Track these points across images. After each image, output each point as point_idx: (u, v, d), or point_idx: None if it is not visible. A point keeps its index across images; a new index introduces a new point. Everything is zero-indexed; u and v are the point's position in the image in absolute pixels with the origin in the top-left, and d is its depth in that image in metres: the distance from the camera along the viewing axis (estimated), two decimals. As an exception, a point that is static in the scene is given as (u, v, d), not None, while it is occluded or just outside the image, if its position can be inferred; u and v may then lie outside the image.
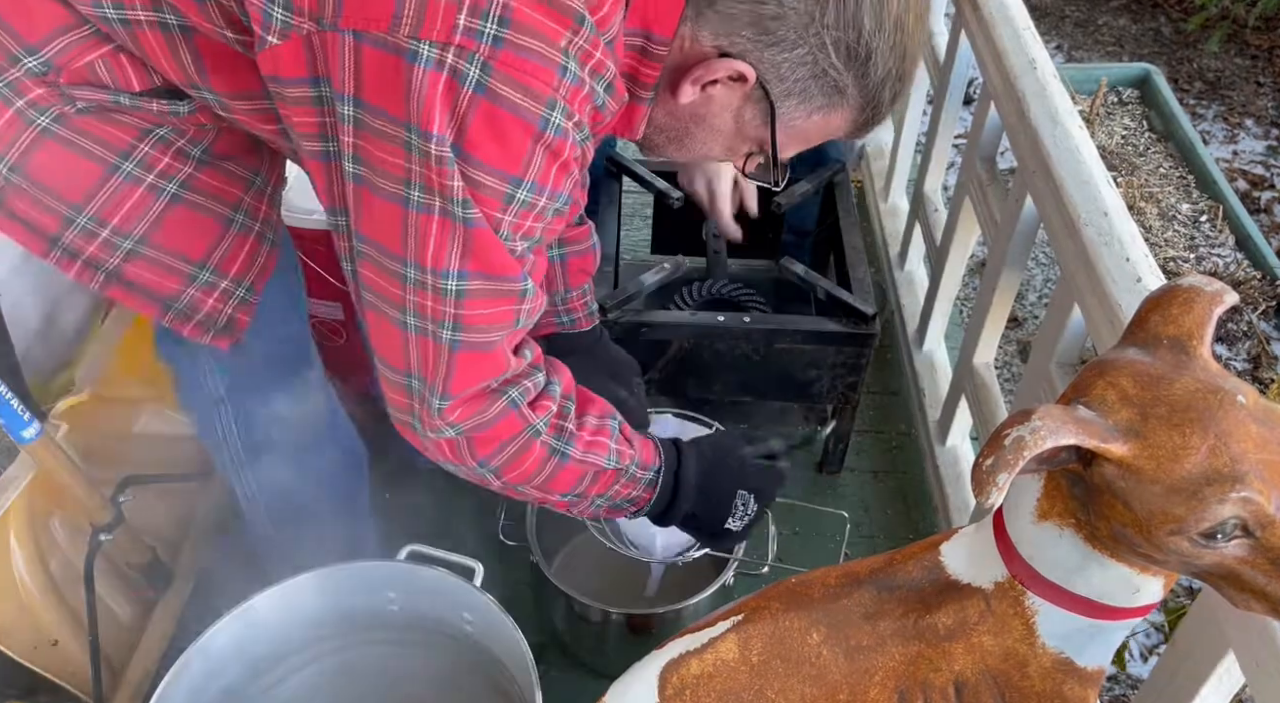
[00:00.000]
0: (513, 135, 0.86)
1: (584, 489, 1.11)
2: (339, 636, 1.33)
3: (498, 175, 0.88)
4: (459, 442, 1.01)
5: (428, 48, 0.82)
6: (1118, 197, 1.22)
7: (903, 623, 0.92)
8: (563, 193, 0.94)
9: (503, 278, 0.94)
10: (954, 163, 2.61)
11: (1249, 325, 2.46)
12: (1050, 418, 0.72)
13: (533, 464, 1.05)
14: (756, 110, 1.00)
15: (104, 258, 1.06)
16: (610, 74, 0.93)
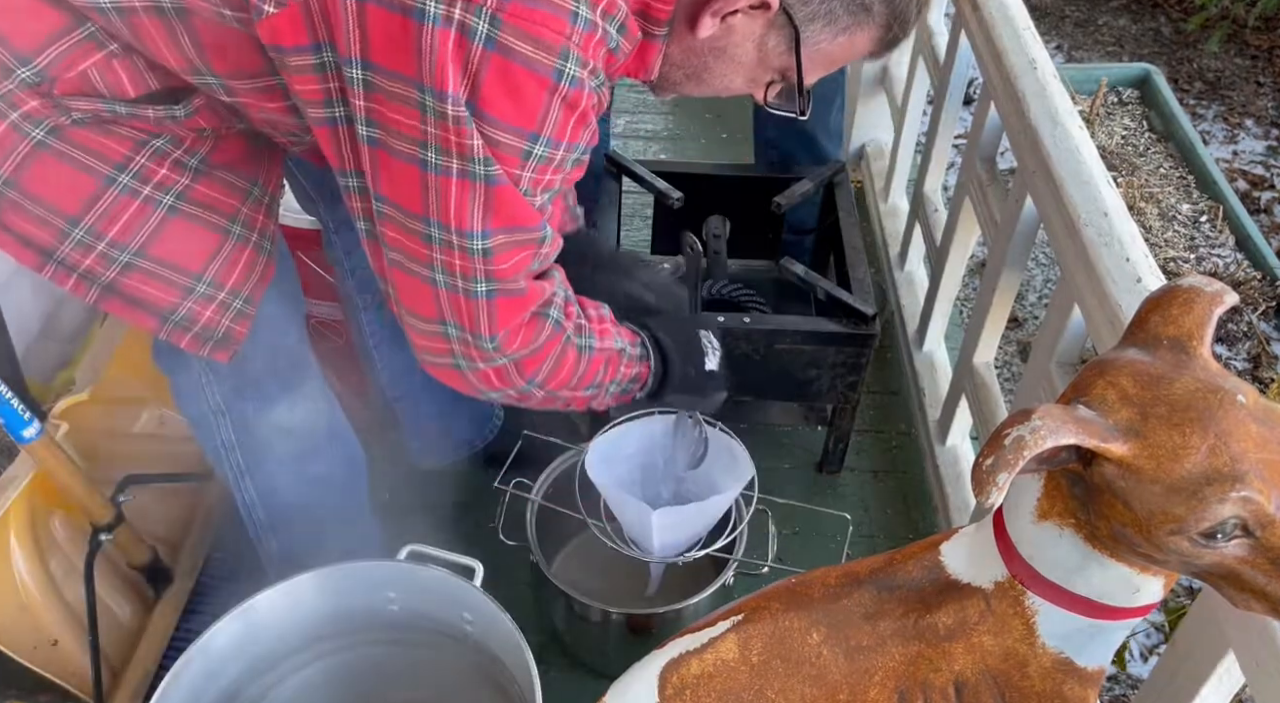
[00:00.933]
0: (527, 89, 0.86)
1: (602, 379, 1.16)
2: (339, 636, 1.33)
3: (514, 131, 0.88)
4: (507, 368, 1.05)
5: (434, 4, 0.82)
6: (1118, 197, 1.22)
7: (903, 623, 0.92)
8: (580, 143, 0.94)
9: (525, 228, 0.96)
10: (954, 163, 2.61)
11: (1249, 325, 2.46)
12: (1050, 418, 0.72)
13: (570, 368, 1.10)
14: (780, 36, 0.98)
15: (100, 270, 1.06)
16: (622, 13, 0.91)
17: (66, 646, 1.43)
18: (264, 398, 1.27)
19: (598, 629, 1.54)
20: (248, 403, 1.26)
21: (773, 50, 0.99)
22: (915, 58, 2.13)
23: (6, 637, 1.36)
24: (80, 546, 1.43)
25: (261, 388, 1.26)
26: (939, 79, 1.92)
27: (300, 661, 1.33)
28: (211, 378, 1.24)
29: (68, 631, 1.43)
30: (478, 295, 0.98)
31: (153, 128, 1.03)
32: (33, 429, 1.28)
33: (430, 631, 1.33)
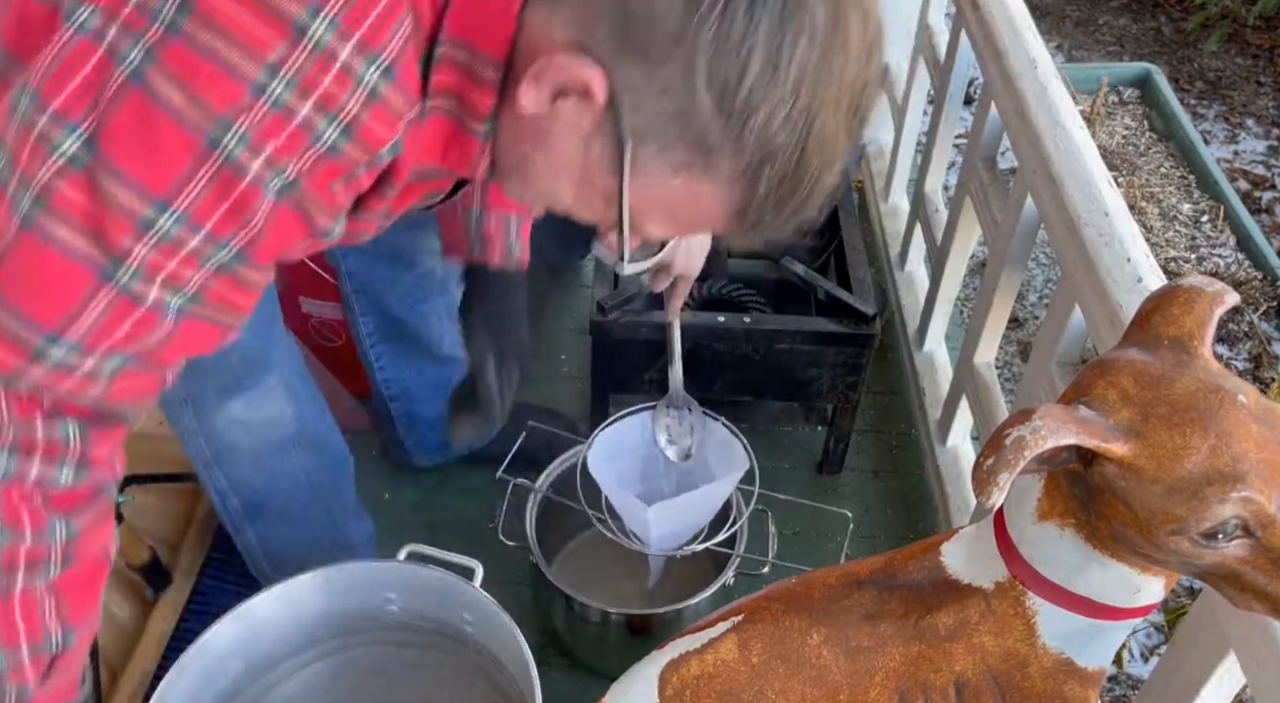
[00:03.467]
0: (167, 145, 0.68)
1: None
2: (338, 636, 1.33)
3: (137, 192, 0.69)
4: None
5: (88, 13, 0.68)
6: (1118, 196, 1.22)
7: (903, 624, 0.92)
8: (229, 239, 0.73)
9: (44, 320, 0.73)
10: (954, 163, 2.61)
11: (1250, 325, 2.46)
12: (1051, 418, 0.72)
13: None
14: (605, 146, 0.74)
15: None
16: (353, 115, 0.70)
17: (66, 646, 1.43)
18: (220, 391, 1.25)
19: (598, 630, 1.54)
20: (207, 394, 1.25)
21: (595, 161, 0.75)
22: (915, 58, 2.12)
23: (6, 637, 1.36)
24: (80, 546, 1.43)
25: (217, 383, 1.24)
26: (939, 79, 1.92)
27: (299, 662, 1.33)
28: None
29: (67, 631, 1.43)
30: None
31: None
32: (32, 429, 1.28)
33: (430, 631, 1.33)
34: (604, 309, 1.66)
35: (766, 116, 0.69)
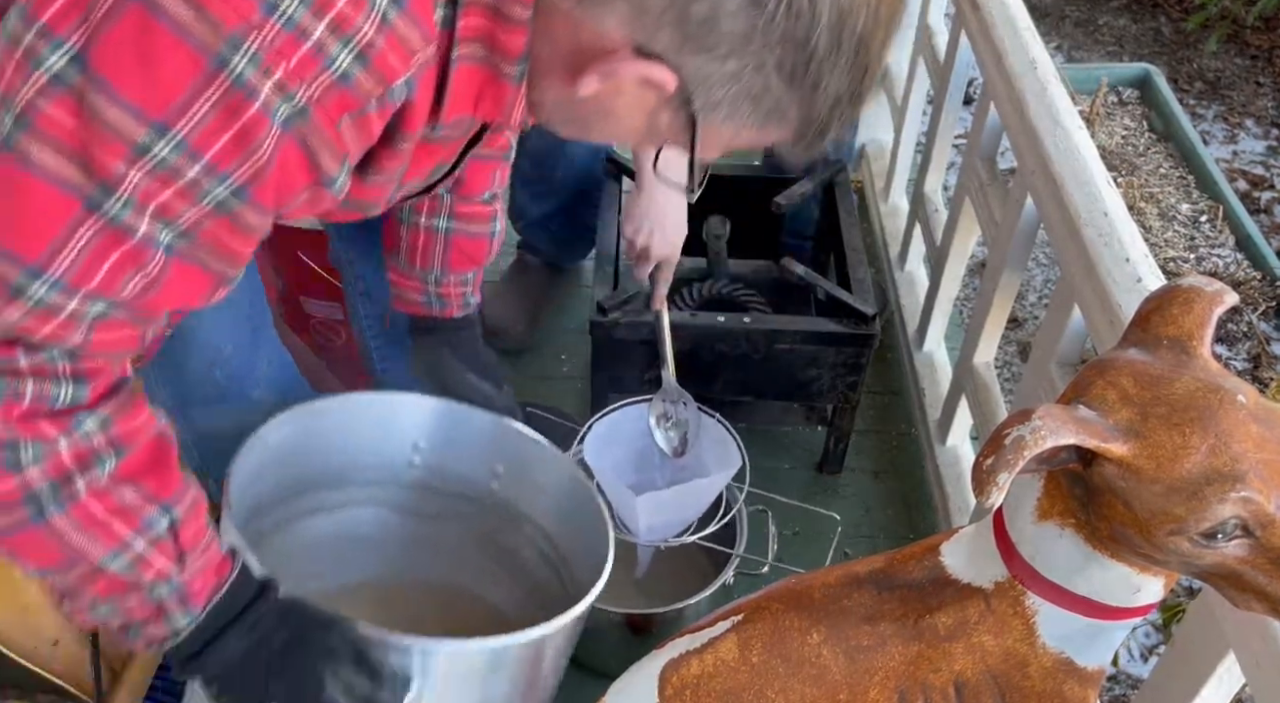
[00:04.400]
0: (168, 62, 0.64)
1: (73, 582, 0.81)
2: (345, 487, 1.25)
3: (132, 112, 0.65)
4: None
5: None
6: (1118, 196, 1.22)
7: (903, 623, 0.92)
8: (229, 173, 0.69)
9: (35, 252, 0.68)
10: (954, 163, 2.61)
11: (1249, 325, 2.46)
12: (1050, 418, 0.72)
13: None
14: (675, 117, 0.79)
15: None
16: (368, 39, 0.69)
17: (66, 646, 1.42)
18: (205, 402, 1.25)
19: (598, 629, 1.54)
20: (190, 407, 1.24)
21: (665, 126, 0.80)
22: (915, 58, 2.13)
23: (6, 637, 1.36)
24: (80, 546, 1.43)
25: (202, 395, 1.24)
26: (939, 79, 1.92)
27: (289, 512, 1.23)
28: (152, 381, 1.21)
29: (68, 631, 1.43)
30: None
31: None
32: (33, 429, 1.28)
33: (446, 495, 1.25)
34: (604, 309, 1.66)
35: (833, 76, 0.74)
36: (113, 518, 0.78)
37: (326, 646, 0.90)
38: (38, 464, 0.74)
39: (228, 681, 0.88)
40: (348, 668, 0.90)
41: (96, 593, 0.81)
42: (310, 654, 0.89)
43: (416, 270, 1.25)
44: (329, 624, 0.91)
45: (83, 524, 0.77)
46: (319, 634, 0.90)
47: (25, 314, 0.70)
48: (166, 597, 0.83)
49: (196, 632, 0.85)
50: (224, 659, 0.87)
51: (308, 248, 1.67)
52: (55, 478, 0.75)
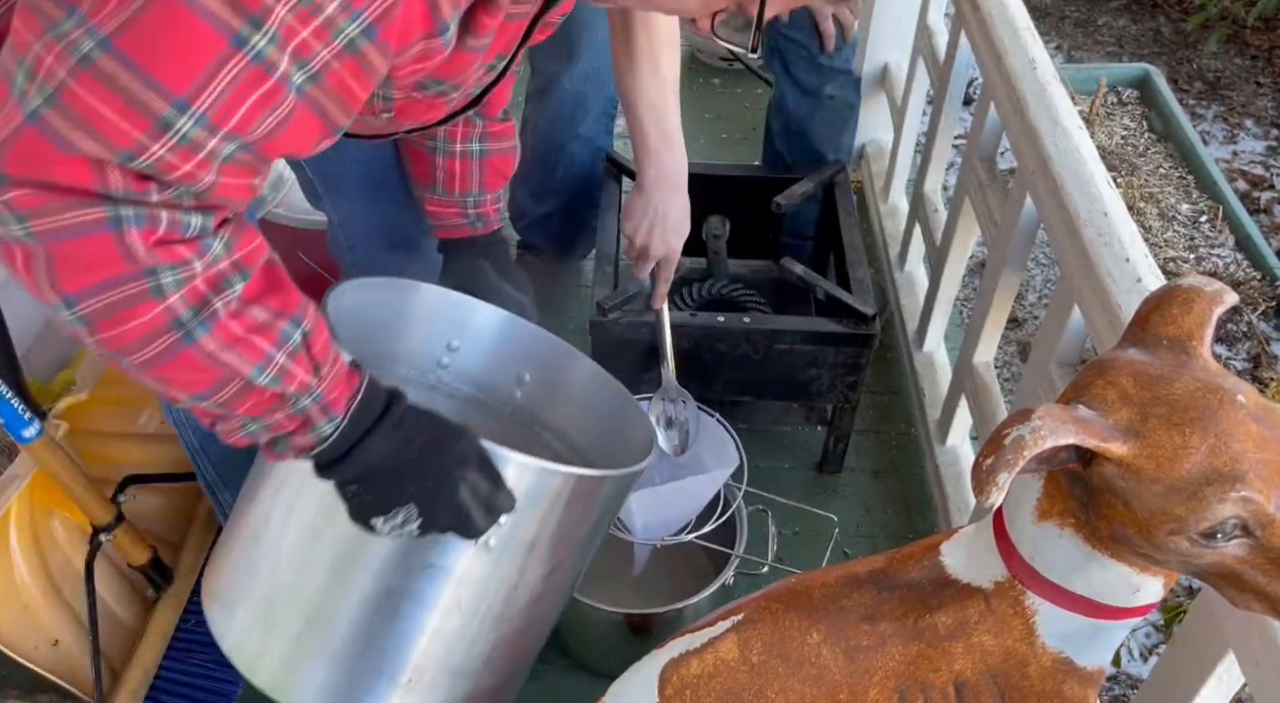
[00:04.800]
0: None
1: (226, 400, 0.85)
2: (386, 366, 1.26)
3: None
4: (34, 252, 0.74)
5: None
6: (1117, 197, 1.22)
7: (902, 623, 0.92)
8: (362, 10, 0.74)
9: (167, 74, 0.70)
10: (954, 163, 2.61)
11: (1249, 325, 2.46)
12: (1050, 418, 0.72)
13: (139, 330, 0.78)
14: None
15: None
16: None
17: (66, 646, 1.43)
18: None
19: (597, 629, 1.54)
20: None
21: None
22: (915, 58, 2.13)
23: (6, 637, 1.36)
24: (80, 546, 1.43)
25: None
26: (939, 79, 1.93)
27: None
28: None
29: (68, 631, 1.43)
30: (24, 103, 0.70)
31: None
32: (33, 429, 1.28)
33: (464, 400, 1.27)
34: (604, 309, 1.66)
35: None
36: (252, 335, 0.82)
37: (459, 451, 0.95)
38: (178, 289, 0.77)
39: (368, 482, 0.93)
40: (475, 472, 0.96)
41: (247, 412, 0.87)
42: (446, 458, 0.94)
43: (456, 195, 1.32)
44: (460, 432, 0.96)
45: (227, 343, 0.81)
46: (452, 440, 0.95)
47: (170, 150, 0.73)
48: (310, 407, 0.87)
49: (340, 438, 0.90)
50: (367, 461, 0.92)
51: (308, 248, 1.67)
52: (194, 302, 0.79)
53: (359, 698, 1.07)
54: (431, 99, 0.99)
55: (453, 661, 1.08)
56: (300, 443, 0.90)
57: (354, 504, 0.95)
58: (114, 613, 1.51)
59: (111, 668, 1.47)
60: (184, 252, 0.77)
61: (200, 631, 1.55)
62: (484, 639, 1.09)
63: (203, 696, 1.50)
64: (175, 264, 0.77)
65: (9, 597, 1.38)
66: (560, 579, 1.13)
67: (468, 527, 0.97)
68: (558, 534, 1.07)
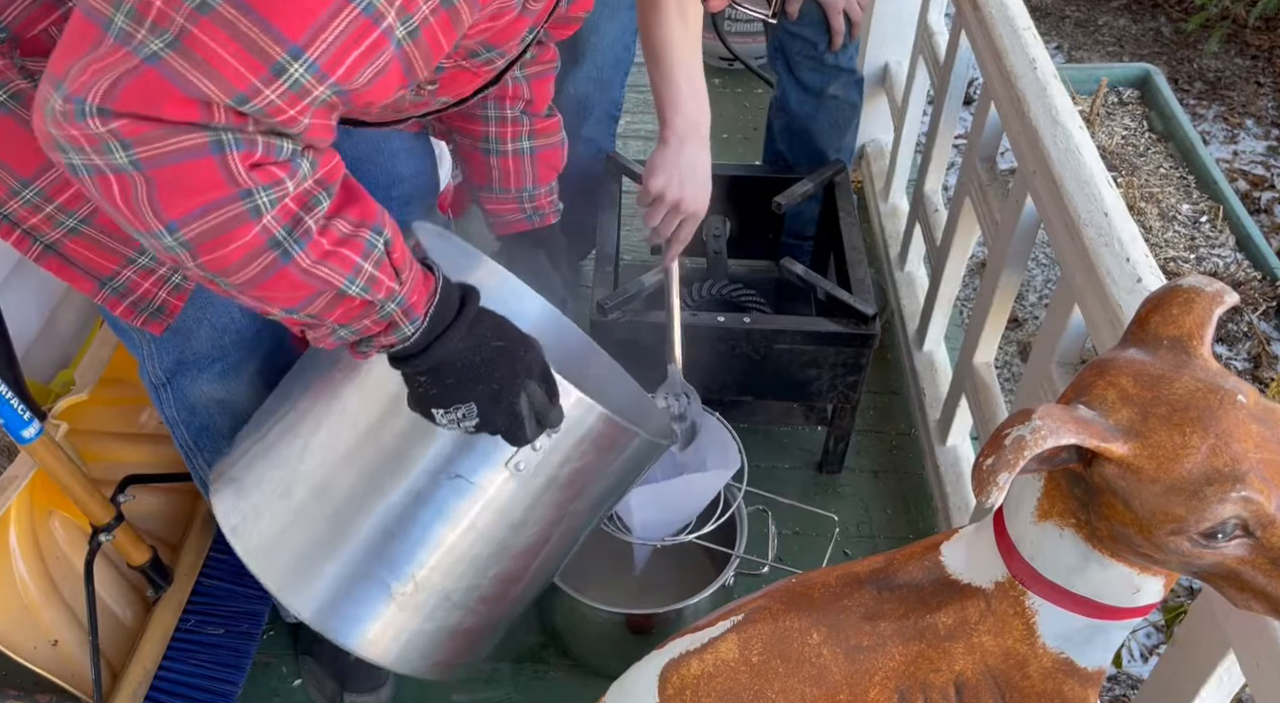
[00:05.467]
0: None
1: (319, 311, 0.90)
2: None
3: None
4: (132, 179, 0.76)
5: None
6: (1118, 197, 1.22)
7: (903, 623, 0.92)
8: None
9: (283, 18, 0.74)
10: (954, 163, 2.61)
11: (1249, 325, 2.46)
12: (1050, 418, 0.72)
13: (239, 252, 0.82)
14: None
15: (45, 230, 1.05)
16: None
17: (66, 646, 1.43)
18: (202, 371, 1.26)
19: (598, 629, 1.54)
20: (185, 377, 1.26)
21: None
22: (915, 58, 2.13)
23: (6, 637, 1.36)
24: (80, 546, 1.43)
25: (202, 363, 1.25)
26: (939, 79, 1.92)
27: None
28: (153, 350, 1.23)
29: (68, 631, 1.43)
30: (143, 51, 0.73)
31: None
32: (33, 429, 1.28)
33: None
34: (604, 309, 1.66)
35: None
36: (340, 247, 0.86)
37: (527, 360, 1.00)
38: (272, 208, 0.81)
39: (439, 376, 0.98)
40: (536, 383, 1.01)
41: (336, 320, 0.91)
42: (513, 363, 0.99)
43: (511, 192, 1.41)
44: (530, 342, 1.02)
45: (319, 258, 0.85)
46: (522, 349, 1.00)
47: (281, 96, 0.77)
48: (394, 311, 0.92)
49: (420, 337, 0.95)
50: (442, 357, 0.97)
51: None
52: (288, 221, 0.83)
53: (357, 600, 1.11)
54: (478, 68, 1.03)
55: (449, 583, 1.13)
56: (383, 342, 0.95)
57: (419, 394, 1.00)
58: (114, 613, 1.51)
59: (111, 668, 1.47)
60: (278, 172, 0.81)
61: (200, 631, 1.55)
62: (484, 570, 1.13)
63: (203, 696, 1.50)
64: (270, 185, 0.80)
65: (9, 597, 1.38)
66: (561, 536, 1.18)
67: (518, 433, 1.01)
68: (577, 478, 1.11)
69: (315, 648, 1.57)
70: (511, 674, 1.59)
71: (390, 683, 1.54)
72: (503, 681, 1.58)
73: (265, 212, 0.80)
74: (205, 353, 1.24)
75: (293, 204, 0.82)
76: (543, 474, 1.09)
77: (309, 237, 0.84)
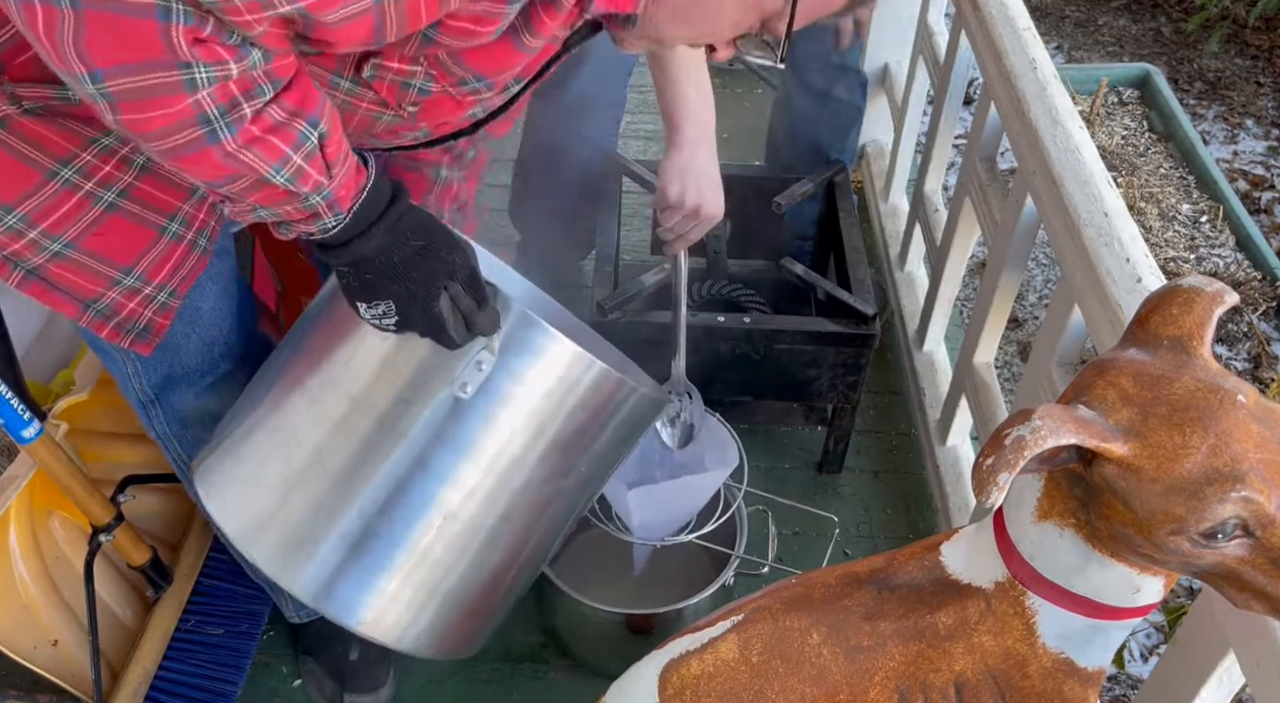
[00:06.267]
0: None
1: (239, 191, 0.89)
2: None
3: None
4: (62, 14, 0.74)
5: None
6: (1118, 197, 1.22)
7: (903, 623, 0.92)
8: None
9: None
10: (954, 163, 2.61)
11: (1249, 325, 2.46)
12: (1050, 418, 0.72)
13: (164, 119, 0.80)
14: None
15: (27, 256, 1.04)
16: None
17: (66, 646, 1.42)
18: (192, 385, 1.26)
19: (598, 629, 1.54)
20: (175, 392, 1.26)
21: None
22: (915, 58, 2.13)
23: (6, 637, 1.36)
24: (80, 546, 1.43)
25: (191, 377, 1.25)
26: (939, 79, 1.92)
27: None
28: (139, 368, 1.23)
29: (68, 631, 1.43)
30: None
31: None
32: (33, 429, 1.28)
33: None
34: (604, 309, 1.66)
35: None
36: (270, 135, 0.85)
37: (450, 261, 0.99)
38: (209, 87, 0.80)
39: (358, 271, 0.98)
40: (459, 286, 0.99)
41: (257, 201, 0.91)
42: (434, 263, 0.98)
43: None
44: (456, 244, 1.00)
45: (247, 142, 0.84)
46: (446, 250, 0.99)
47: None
48: (319, 204, 0.92)
49: (342, 230, 0.95)
50: (360, 253, 0.97)
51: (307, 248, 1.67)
52: (224, 102, 0.81)
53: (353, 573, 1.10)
54: (463, 96, 1.02)
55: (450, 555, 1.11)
56: (304, 230, 0.95)
57: (344, 284, 1.01)
58: (114, 613, 1.51)
59: (111, 668, 1.47)
60: (223, 53, 0.79)
61: (200, 631, 1.55)
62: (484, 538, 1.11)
63: (203, 696, 1.50)
64: (212, 63, 0.79)
65: (8, 597, 1.38)
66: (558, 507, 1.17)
67: (441, 335, 1.00)
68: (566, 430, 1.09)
69: (315, 648, 1.57)
70: (511, 674, 1.59)
71: (390, 683, 1.54)
72: (503, 681, 1.58)
73: (201, 88, 0.79)
74: (195, 367, 1.24)
75: (234, 87, 0.81)
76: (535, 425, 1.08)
77: (242, 122, 0.83)
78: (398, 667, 1.56)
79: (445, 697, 1.57)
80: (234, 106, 0.82)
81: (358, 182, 0.94)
